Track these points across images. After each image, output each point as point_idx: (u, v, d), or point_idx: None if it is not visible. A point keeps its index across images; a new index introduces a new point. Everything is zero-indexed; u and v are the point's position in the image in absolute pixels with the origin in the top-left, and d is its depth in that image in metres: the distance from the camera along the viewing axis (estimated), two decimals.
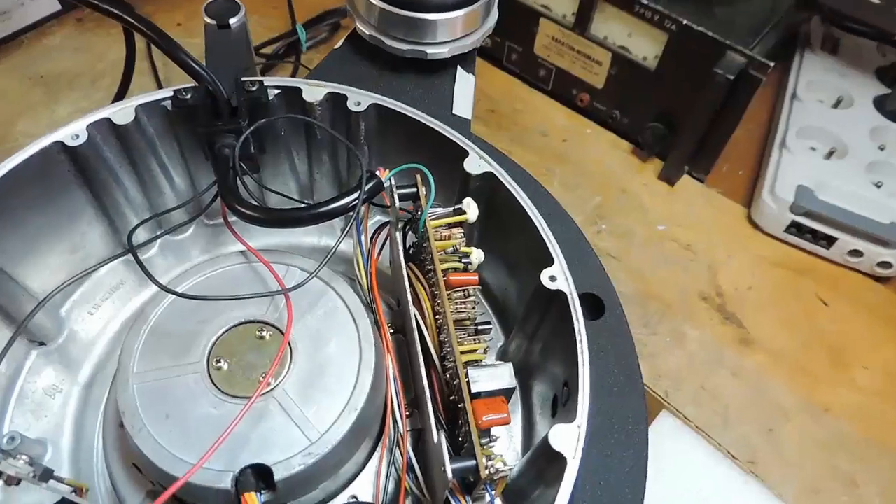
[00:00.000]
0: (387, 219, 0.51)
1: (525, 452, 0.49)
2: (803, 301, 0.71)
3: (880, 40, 0.87)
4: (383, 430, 0.48)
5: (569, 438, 0.39)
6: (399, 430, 0.47)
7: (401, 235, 0.49)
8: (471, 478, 0.39)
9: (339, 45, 0.63)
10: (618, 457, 0.44)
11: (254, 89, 0.51)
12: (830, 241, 0.72)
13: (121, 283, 0.57)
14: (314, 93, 0.53)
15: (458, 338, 0.43)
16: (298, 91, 0.53)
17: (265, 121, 0.50)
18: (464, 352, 0.42)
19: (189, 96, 0.50)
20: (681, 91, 0.74)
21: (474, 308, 0.45)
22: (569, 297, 0.45)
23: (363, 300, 0.49)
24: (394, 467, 0.48)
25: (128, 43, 0.77)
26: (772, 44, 0.73)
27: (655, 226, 0.76)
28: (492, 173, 0.50)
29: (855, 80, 0.83)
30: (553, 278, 0.46)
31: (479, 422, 0.39)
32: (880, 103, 0.81)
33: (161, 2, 0.93)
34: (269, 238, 0.58)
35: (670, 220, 0.77)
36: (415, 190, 0.47)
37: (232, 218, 0.48)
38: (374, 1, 0.58)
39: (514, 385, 0.41)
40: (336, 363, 0.45)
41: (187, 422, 0.42)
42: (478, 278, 0.45)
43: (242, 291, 0.45)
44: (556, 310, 0.46)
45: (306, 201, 0.58)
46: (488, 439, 0.39)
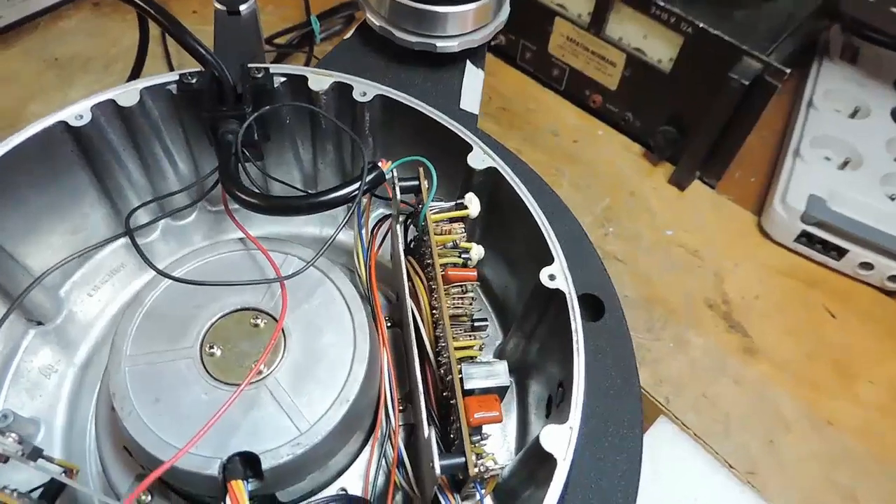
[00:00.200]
0: (390, 212, 0.50)
1: (519, 452, 0.49)
2: (811, 312, 0.70)
3: None
4: (376, 423, 0.47)
5: (560, 439, 0.39)
6: (391, 425, 0.47)
7: (402, 229, 0.49)
8: (460, 475, 0.39)
9: (348, 35, 0.62)
10: (611, 460, 0.43)
11: (259, 76, 0.51)
12: (841, 253, 0.71)
13: (121, 265, 0.57)
14: (320, 82, 0.53)
15: (454, 333, 0.42)
16: (304, 80, 0.53)
17: (269, 108, 0.50)
18: (458, 347, 0.42)
19: (194, 80, 0.50)
20: (695, 95, 0.73)
21: (472, 304, 0.44)
22: (567, 296, 0.44)
23: (362, 292, 0.49)
24: (384, 461, 0.47)
25: (141, 28, 0.77)
26: (789, 51, 0.72)
27: (663, 230, 0.75)
28: (495, 169, 0.50)
29: (873, 90, 0.82)
30: (552, 277, 0.45)
31: (471, 419, 0.38)
32: None
33: None
34: (270, 227, 0.58)
35: (678, 226, 0.76)
36: (417, 183, 0.47)
37: (234, 206, 0.48)
38: None
39: (507, 383, 0.40)
40: (330, 354, 0.44)
41: (177, 407, 0.42)
42: (476, 274, 0.45)
43: (239, 278, 0.45)
44: (555, 309, 0.45)
45: (308, 191, 0.58)
46: (479, 437, 0.39)
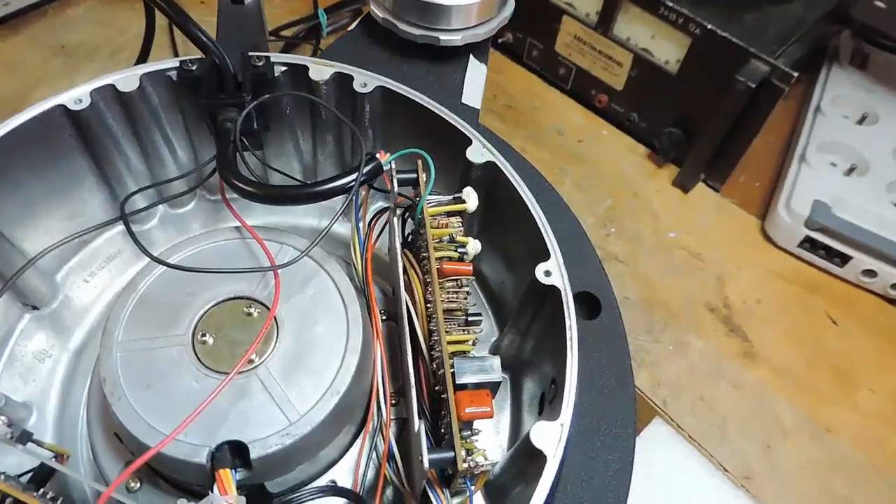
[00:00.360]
0: (388, 205, 0.50)
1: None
2: (812, 318, 0.69)
3: None
4: (368, 416, 0.47)
5: (550, 436, 0.38)
6: (382, 418, 0.46)
7: (399, 221, 0.48)
8: (449, 470, 0.38)
9: (352, 27, 0.62)
10: (603, 459, 0.43)
11: (260, 64, 0.50)
12: (844, 259, 0.70)
13: (118, 252, 0.57)
14: (321, 72, 0.52)
15: (447, 327, 0.42)
16: (305, 69, 0.52)
17: (268, 96, 0.50)
18: (451, 342, 0.41)
19: (195, 67, 0.50)
20: (701, 97, 0.73)
21: (466, 299, 0.44)
22: (562, 293, 0.44)
23: (357, 284, 0.49)
24: (375, 455, 0.47)
25: (148, 17, 0.77)
26: (798, 55, 0.71)
27: (666, 232, 0.75)
28: (494, 163, 0.49)
29: (882, 97, 0.81)
30: (548, 273, 0.45)
31: (461, 413, 0.38)
32: None
33: None
34: (268, 217, 0.58)
35: (681, 228, 0.75)
36: (415, 176, 0.47)
37: (231, 195, 0.48)
38: None
39: (500, 379, 0.40)
40: (322, 345, 0.44)
41: (168, 393, 0.42)
42: (472, 269, 0.44)
43: (234, 267, 0.45)
44: (550, 306, 0.45)
45: (307, 181, 0.58)
46: (470, 432, 0.38)
